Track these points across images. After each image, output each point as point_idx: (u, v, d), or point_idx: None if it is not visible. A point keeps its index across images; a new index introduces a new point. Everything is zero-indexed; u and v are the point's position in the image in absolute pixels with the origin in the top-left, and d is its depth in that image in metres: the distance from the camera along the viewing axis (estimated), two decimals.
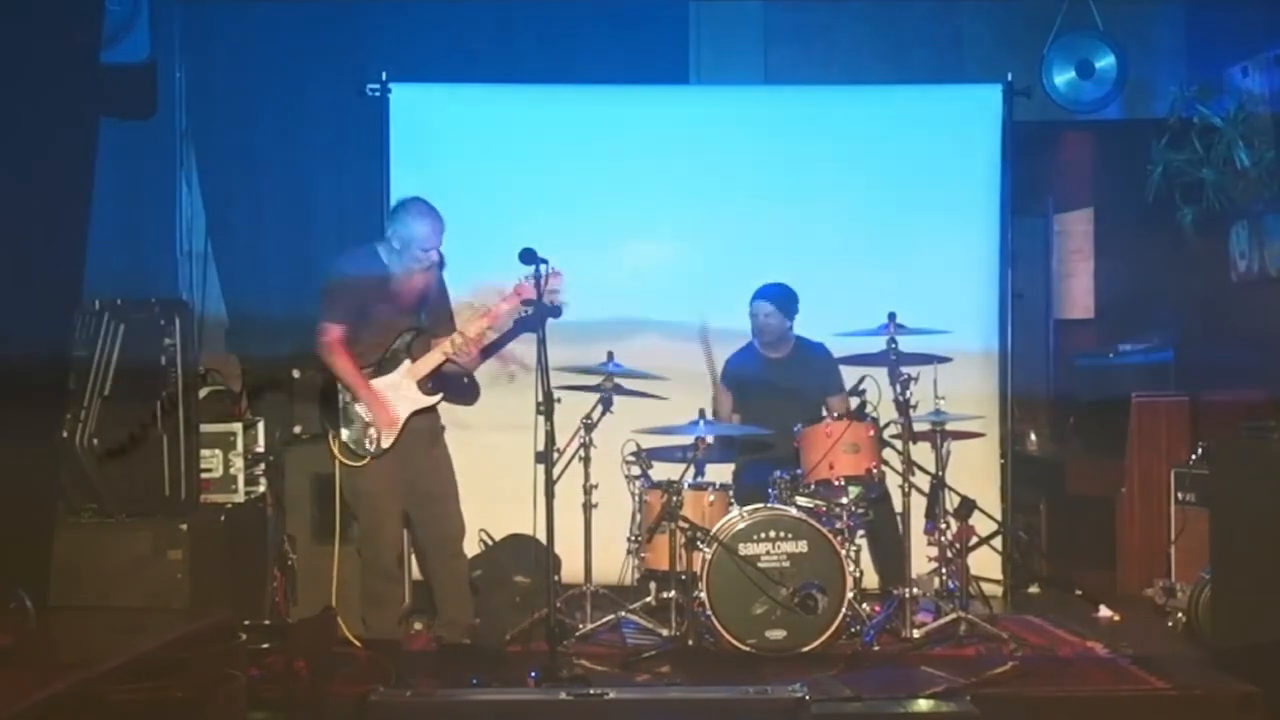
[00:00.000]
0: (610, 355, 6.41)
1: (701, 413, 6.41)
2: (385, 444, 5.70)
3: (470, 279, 6.38)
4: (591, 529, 6.27)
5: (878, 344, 6.32)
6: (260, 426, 6.41)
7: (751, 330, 6.77)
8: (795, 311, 6.74)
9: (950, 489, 6.40)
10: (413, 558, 6.32)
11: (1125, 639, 6.03)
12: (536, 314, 5.70)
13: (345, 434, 5.72)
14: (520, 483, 6.12)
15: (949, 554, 6.35)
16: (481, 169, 7.15)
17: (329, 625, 5.84)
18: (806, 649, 5.81)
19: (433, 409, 5.84)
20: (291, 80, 7.41)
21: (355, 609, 5.90)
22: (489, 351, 6.20)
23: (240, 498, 6.15)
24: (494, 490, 6.46)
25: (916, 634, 6.03)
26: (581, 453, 6.31)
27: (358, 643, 5.78)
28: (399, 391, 5.73)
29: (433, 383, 5.82)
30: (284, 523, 6.38)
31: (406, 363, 5.77)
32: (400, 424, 5.72)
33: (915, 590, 6.14)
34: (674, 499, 6.02)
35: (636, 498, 6.38)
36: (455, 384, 6.14)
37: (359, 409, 5.72)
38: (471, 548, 6.28)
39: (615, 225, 7.20)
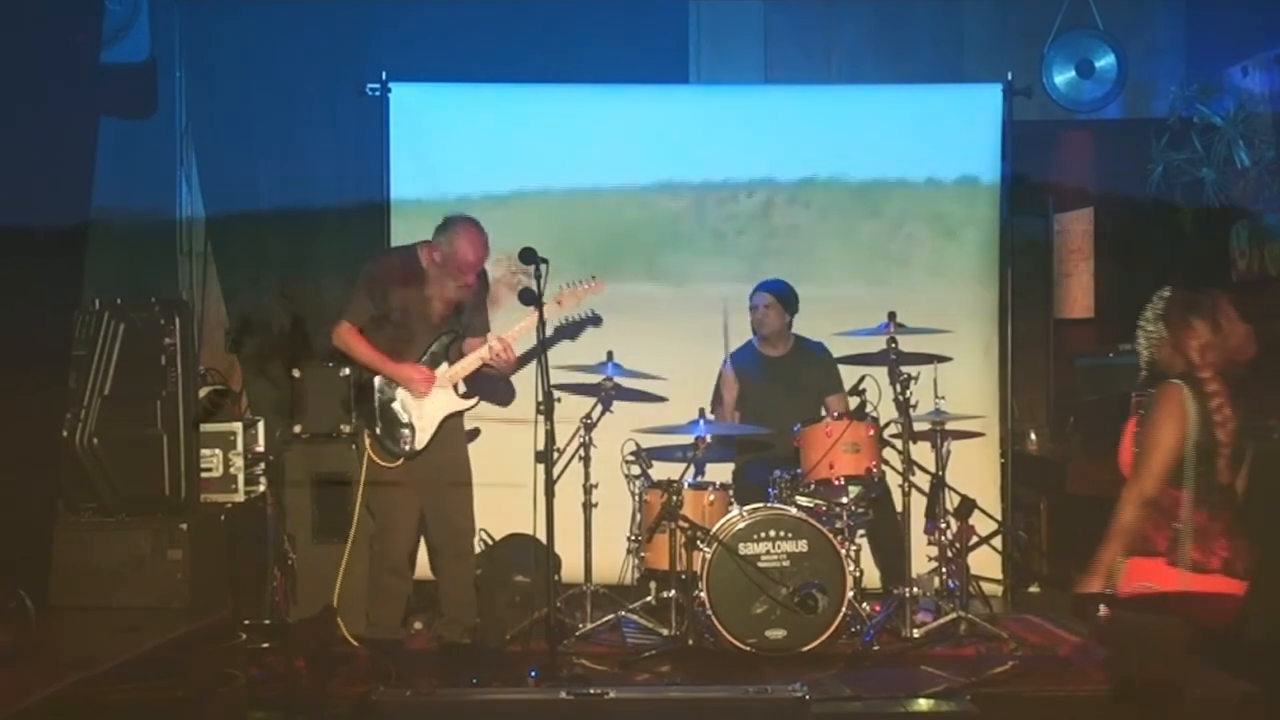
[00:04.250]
0: (610, 355, 6.41)
1: (701, 412, 6.41)
2: (419, 444, 5.73)
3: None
4: (591, 529, 6.27)
5: (878, 343, 6.32)
6: (260, 426, 6.41)
7: (751, 324, 6.77)
8: (795, 310, 6.75)
9: (950, 489, 6.40)
10: (420, 556, 6.31)
11: None
12: (573, 327, 5.87)
13: (380, 432, 5.73)
14: (520, 482, 6.11)
15: (949, 554, 6.35)
16: (481, 169, 7.14)
17: (329, 625, 5.84)
18: (806, 649, 5.81)
19: (459, 414, 5.87)
20: (291, 80, 7.41)
21: (358, 608, 5.90)
22: (526, 358, 6.19)
23: (240, 497, 6.16)
24: (494, 490, 6.45)
25: (916, 634, 6.03)
26: (581, 452, 6.31)
27: (356, 643, 5.78)
28: (436, 394, 5.76)
29: (468, 386, 5.85)
30: (284, 523, 6.38)
31: (444, 366, 5.79)
32: (437, 423, 5.75)
33: (915, 590, 6.14)
34: (674, 498, 6.02)
35: (636, 497, 6.38)
36: (490, 386, 6.16)
37: (395, 408, 5.74)
38: None
39: (615, 225, 7.20)
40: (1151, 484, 4.07)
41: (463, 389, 5.83)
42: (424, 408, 5.75)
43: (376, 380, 5.78)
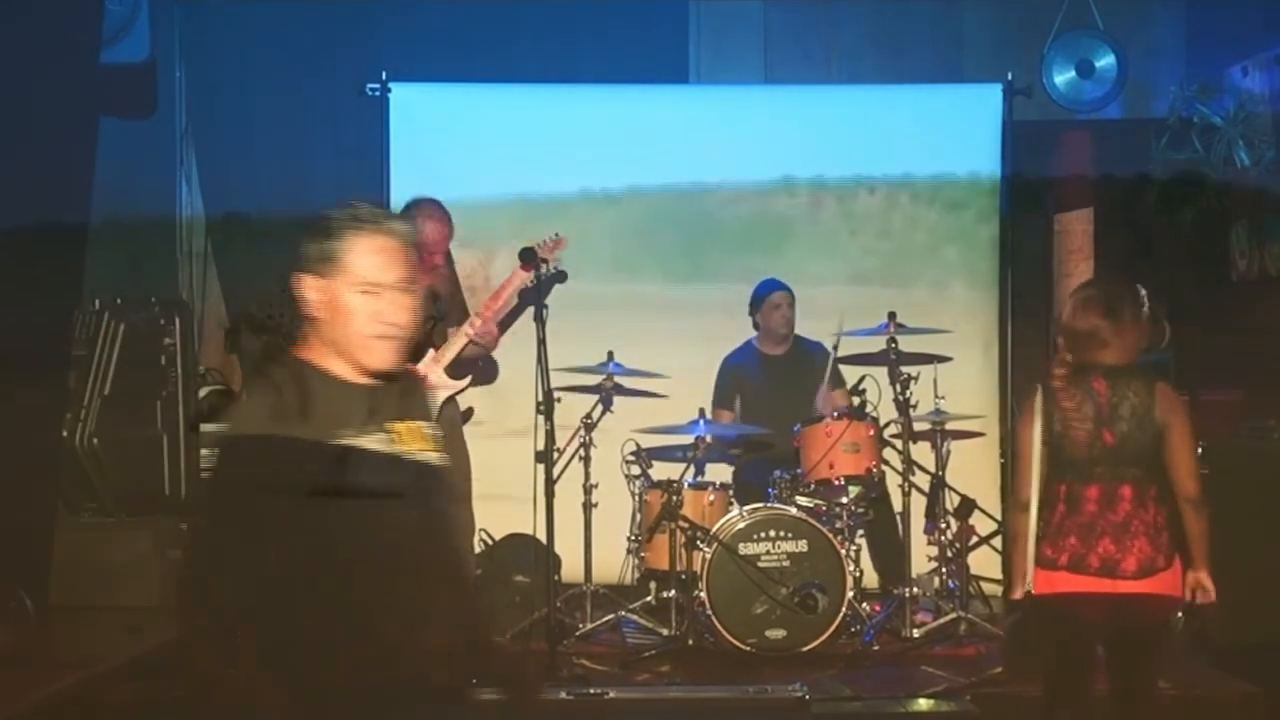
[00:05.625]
0: (610, 355, 6.41)
1: (701, 412, 6.41)
2: None
3: (471, 279, 6.39)
4: (591, 529, 6.27)
5: (878, 344, 6.32)
6: None
7: (762, 325, 6.76)
8: None
9: (950, 489, 6.40)
10: None
11: None
12: (541, 286, 5.79)
13: None
14: (520, 482, 6.12)
15: (949, 554, 6.35)
16: (481, 169, 7.14)
17: None
18: (806, 649, 5.81)
19: (452, 399, 5.87)
20: (291, 80, 7.41)
21: None
22: (504, 327, 6.21)
23: None
24: (494, 490, 6.46)
25: (916, 634, 6.03)
26: (581, 452, 6.31)
27: None
28: (428, 381, 5.77)
29: (457, 370, 5.86)
30: None
31: (430, 352, 5.80)
32: (436, 409, 5.76)
33: (915, 590, 6.14)
34: (674, 498, 6.01)
35: (636, 497, 6.38)
36: (473, 367, 6.16)
37: None
38: None
39: (615, 225, 7.20)
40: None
41: (454, 372, 5.85)
42: None
43: None
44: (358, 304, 2.67)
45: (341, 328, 2.69)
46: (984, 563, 6.78)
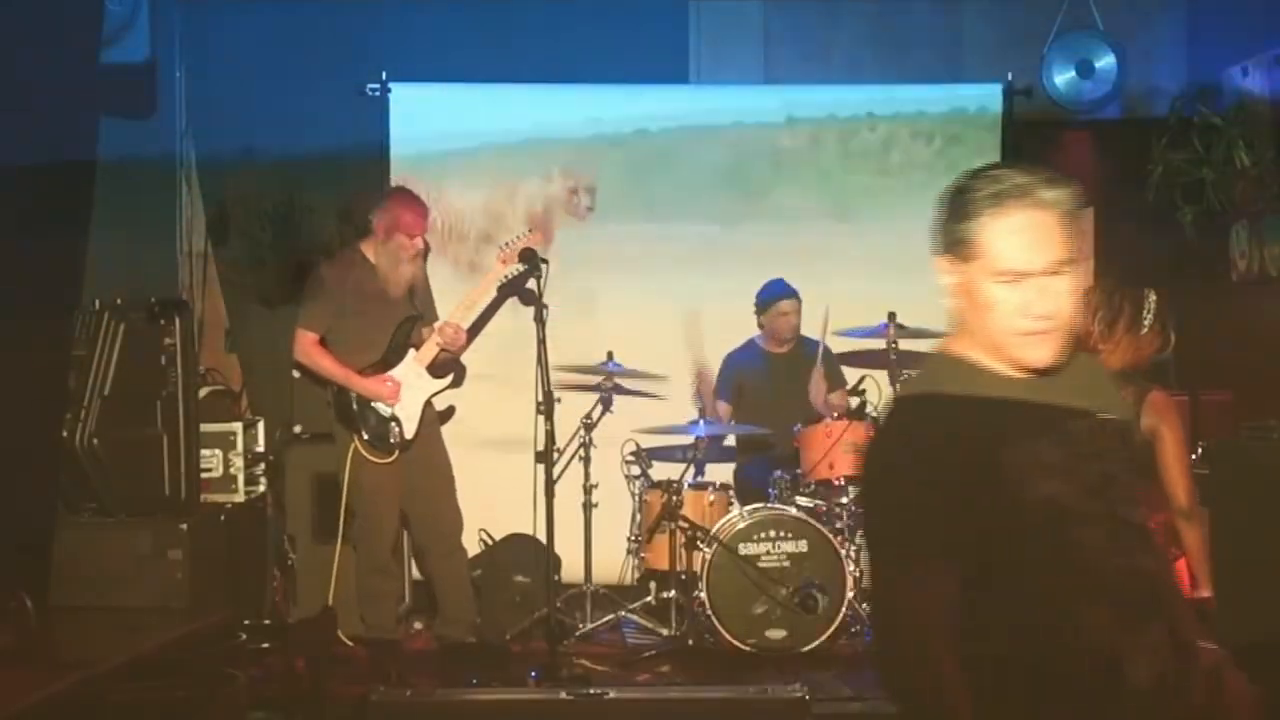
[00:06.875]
0: (610, 355, 6.41)
1: (701, 412, 6.41)
2: (409, 434, 5.74)
3: (469, 280, 6.39)
4: (591, 529, 6.27)
5: (878, 344, 6.32)
6: (260, 426, 6.42)
7: (767, 328, 6.76)
8: None
9: None
10: (413, 557, 6.33)
11: None
12: (524, 275, 5.81)
13: (366, 434, 5.74)
14: (520, 482, 6.12)
15: None
16: (481, 169, 7.15)
17: (329, 625, 5.85)
18: (806, 649, 5.81)
19: (430, 400, 5.89)
20: (291, 80, 7.41)
21: (353, 609, 5.91)
22: (474, 331, 6.23)
23: (240, 498, 6.16)
24: (494, 490, 6.46)
25: None
26: (581, 452, 6.31)
27: (352, 644, 5.79)
28: (410, 380, 5.77)
29: (436, 369, 5.88)
30: (284, 523, 6.39)
31: (412, 351, 5.81)
32: (420, 408, 5.77)
33: None
34: (674, 499, 6.02)
35: (636, 497, 6.38)
36: (454, 366, 6.18)
37: (378, 406, 5.75)
38: (471, 547, 6.29)
39: (615, 225, 7.20)
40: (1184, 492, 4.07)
41: (435, 370, 5.87)
42: (404, 396, 5.77)
43: None
44: (999, 295, 2.33)
45: (983, 320, 2.38)
46: None
